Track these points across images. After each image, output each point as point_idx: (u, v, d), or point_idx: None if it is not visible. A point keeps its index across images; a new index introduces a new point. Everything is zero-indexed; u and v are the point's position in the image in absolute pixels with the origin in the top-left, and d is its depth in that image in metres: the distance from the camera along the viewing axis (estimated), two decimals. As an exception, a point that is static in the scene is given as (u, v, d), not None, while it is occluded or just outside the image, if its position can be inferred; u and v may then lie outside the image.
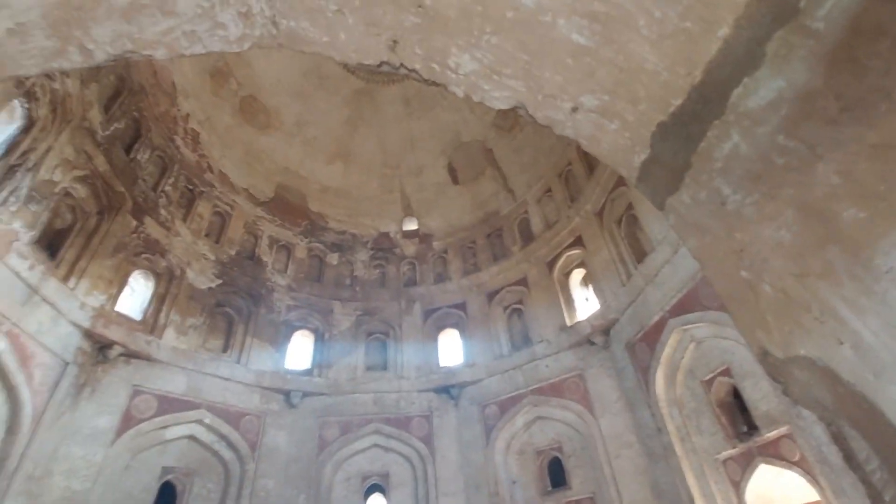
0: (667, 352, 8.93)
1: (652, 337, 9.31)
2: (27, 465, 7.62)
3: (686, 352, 8.76)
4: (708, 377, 8.36)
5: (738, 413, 8.00)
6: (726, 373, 8.01)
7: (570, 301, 12.42)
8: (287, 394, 12.07)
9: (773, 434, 7.06)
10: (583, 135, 1.84)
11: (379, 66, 1.97)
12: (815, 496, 6.88)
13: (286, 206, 15.02)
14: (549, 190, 13.85)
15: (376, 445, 12.33)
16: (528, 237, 14.07)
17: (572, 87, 1.67)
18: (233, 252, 13.08)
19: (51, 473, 8.04)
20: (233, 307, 12.63)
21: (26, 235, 7.95)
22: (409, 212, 16.50)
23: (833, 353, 1.23)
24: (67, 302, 8.63)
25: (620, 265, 10.67)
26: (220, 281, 12.40)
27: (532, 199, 14.40)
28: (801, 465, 6.70)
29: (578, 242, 12.27)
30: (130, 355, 9.82)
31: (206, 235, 12.64)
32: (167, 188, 11.75)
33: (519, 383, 12.04)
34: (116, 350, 9.47)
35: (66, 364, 8.61)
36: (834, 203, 1.19)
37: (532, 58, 1.65)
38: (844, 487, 5.34)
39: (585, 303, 12.29)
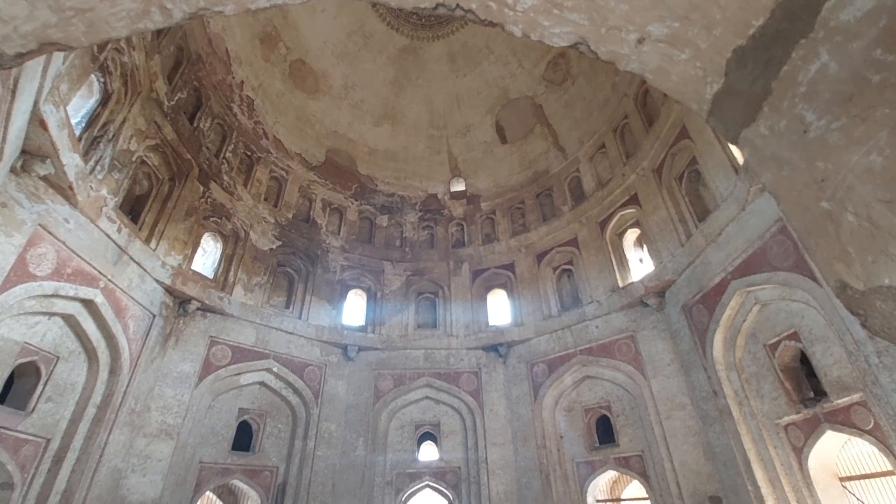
0: (727, 314, 8.57)
1: (711, 299, 8.94)
2: (129, 401, 8.78)
3: (749, 314, 8.35)
4: (772, 341, 7.96)
5: (803, 378, 7.64)
6: (793, 337, 7.59)
7: (622, 262, 12.07)
8: (344, 348, 12.88)
9: (843, 401, 6.70)
10: (649, 68, 1.74)
11: (435, 8, 1.94)
12: (888, 466, 6.56)
13: (337, 169, 15.43)
14: (603, 146, 13.22)
15: (428, 397, 12.99)
16: (579, 196, 13.66)
17: (639, 15, 1.57)
18: (290, 215, 13.75)
19: (149, 409, 9.23)
20: (292, 267, 13.43)
21: (112, 201, 8.74)
22: (456, 172, 16.42)
23: (923, 280, 1.14)
24: (151, 261, 9.54)
25: (679, 224, 10.16)
26: (279, 242, 13.15)
27: (584, 156, 13.83)
28: (874, 434, 6.37)
29: (633, 201, 11.76)
30: (206, 309, 10.81)
31: (266, 199, 13.34)
32: (228, 155, 12.40)
33: (568, 343, 12.08)
34: (194, 305, 10.45)
35: (154, 316, 9.64)
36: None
37: (596, -14, 1.56)
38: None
39: (639, 264, 11.90)
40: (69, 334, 8.14)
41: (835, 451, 7.29)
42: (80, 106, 8.11)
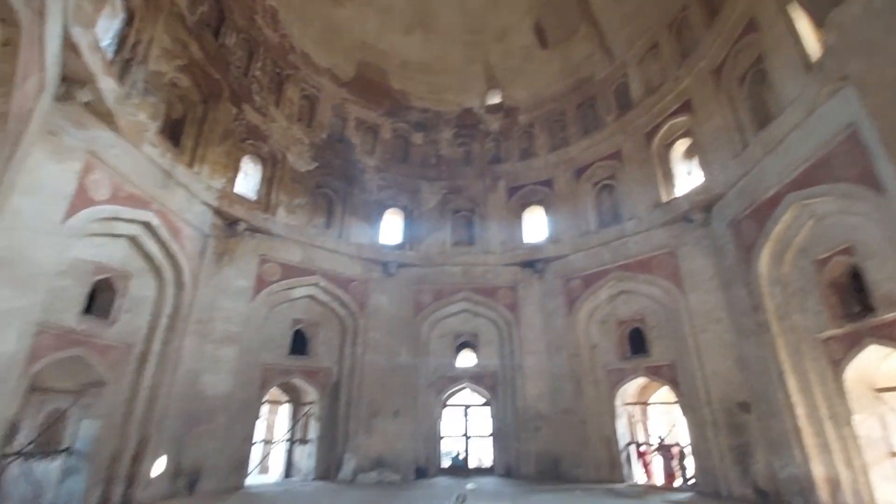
0: (779, 228, 8.13)
1: (763, 213, 8.45)
2: (196, 312, 9.73)
3: (802, 228, 7.89)
4: (823, 256, 7.59)
5: (851, 293, 7.35)
6: (847, 251, 7.20)
7: (668, 175, 11.45)
8: (384, 264, 13.42)
9: (891, 315, 6.47)
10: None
11: None
12: (931, 378, 6.48)
13: (368, 84, 14.83)
14: (655, 46, 11.89)
15: (466, 310, 13.64)
16: (625, 105, 12.66)
17: None
18: (324, 135, 13.64)
19: (213, 319, 10.22)
20: (330, 188, 13.66)
21: (152, 126, 8.90)
22: (493, 84, 15.43)
23: None
24: (196, 184, 9.90)
25: (736, 133, 9.34)
26: (316, 164, 13.24)
27: (633, 58, 12.55)
28: (920, 348, 6.22)
29: (686, 108, 10.80)
30: (253, 230, 11.35)
31: (299, 120, 13.20)
32: (257, 73, 12.10)
33: (605, 259, 12.03)
34: (242, 225, 10.97)
35: (206, 237, 10.26)
36: None
37: None
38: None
39: (687, 177, 11.24)
40: (135, 254, 8.85)
41: (875, 363, 7.21)
42: (107, 27, 7.98)
